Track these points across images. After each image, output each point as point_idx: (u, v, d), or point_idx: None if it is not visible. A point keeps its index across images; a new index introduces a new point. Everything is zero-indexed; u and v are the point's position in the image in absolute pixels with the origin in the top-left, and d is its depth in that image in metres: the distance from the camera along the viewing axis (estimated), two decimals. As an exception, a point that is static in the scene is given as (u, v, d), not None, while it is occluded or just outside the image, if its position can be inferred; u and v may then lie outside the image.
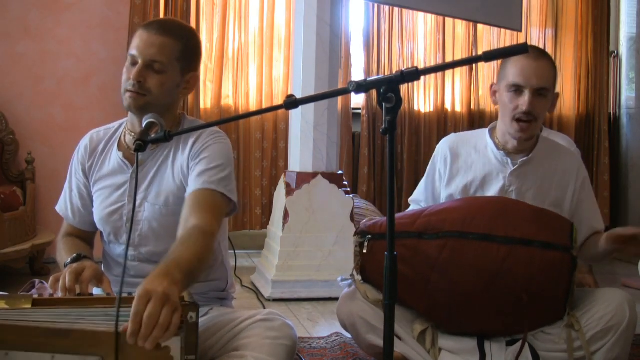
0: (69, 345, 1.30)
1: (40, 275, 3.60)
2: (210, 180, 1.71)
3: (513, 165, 2.06)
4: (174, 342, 1.30)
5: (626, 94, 4.99)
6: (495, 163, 2.09)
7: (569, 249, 1.83)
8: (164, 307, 1.27)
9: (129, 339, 1.26)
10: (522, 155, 2.07)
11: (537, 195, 2.04)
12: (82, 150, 1.91)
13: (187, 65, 1.80)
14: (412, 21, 4.70)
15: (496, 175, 2.08)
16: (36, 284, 1.89)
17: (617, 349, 1.81)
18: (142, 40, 1.75)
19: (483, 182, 2.09)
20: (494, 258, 1.83)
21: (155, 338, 1.26)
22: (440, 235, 1.88)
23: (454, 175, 2.14)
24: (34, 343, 1.30)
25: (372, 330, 1.95)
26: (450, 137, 2.21)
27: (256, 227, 4.45)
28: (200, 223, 1.59)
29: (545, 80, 1.98)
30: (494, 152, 2.09)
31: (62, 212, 1.95)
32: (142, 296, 1.27)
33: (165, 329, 1.26)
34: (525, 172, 2.06)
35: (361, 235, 1.99)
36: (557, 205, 2.04)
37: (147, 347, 1.26)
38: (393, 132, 1.27)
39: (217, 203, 1.70)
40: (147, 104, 1.74)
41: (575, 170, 2.09)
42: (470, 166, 2.12)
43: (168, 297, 1.28)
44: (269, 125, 4.46)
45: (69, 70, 4.10)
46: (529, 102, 1.96)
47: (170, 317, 1.27)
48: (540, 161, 2.08)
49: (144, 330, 1.25)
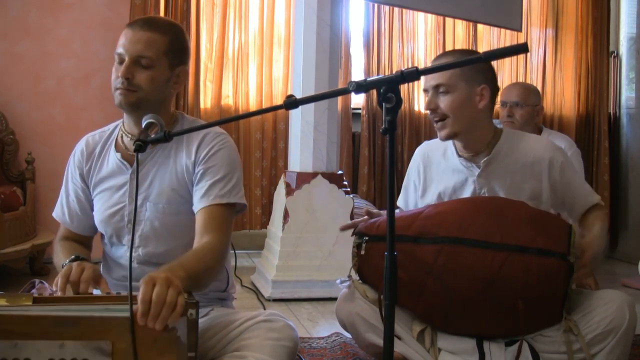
0: (78, 332, 1.35)
1: (40, 275, 3.61)
2: (221, 194, 1.74)
3: (478, 167, 2.04)
4: (180, 323, 1.37)
5: (626, 94, 4.99)
6: (462, 169, 2.07)
7: (566, 255, 1.81)
8: (169, 288, 1.35)
9: (140, 320, 1.34)
10: (483, 155, 2.04)
11: (511, 192, 2.01)
12: (79, 155, 1.90)
13: (176, 59, 1.80)
14: (412, 21, 4.70)
15: (466, 181, 2.06)
16: (36, 284, 1.89)
17: (617, 351, 1.81)
18: (127, 38, 1.75)
19: (455, 190, 2.08)
20: (489, 265, 1.82)
21: (164, 317, 1.34)
22: (436, 240, 1.87)
23: (428, 185, 2.15)
24: (42, 332, 1.33)
25: (371, 329, 1.95)
26: (422, 147, 2.22)
27: (256, 227, 4.45)
28: (213, 240, 1.67)
29: (441, 77, 1.97)
30: (458, 159, 2.07)
31: (59, 218, 1.94)
32: (147, 282, 1.36)
33: (173, 308, 1.34)
34: (492, 171, 2.03)
35: (359, 236, 1.99)
36: (535, 197, 2.01)
37: (157, 328, 1.34)
38: (393, 132, 1.27)
39: (227, 217, 1.76)
40: (139, 100, 1.73)
41: (548, 159, 2.02)
42: (441, 174, 2.12)
43: (171, 280, 1.37)
44: (269, 125, 4.46)
45: (69, 70, 4.10)
46: (428, 101, 2.00)
47: (176, 297, 1.35)
48: (506, 156, 2.03)
49: (153, 310, 1.33)
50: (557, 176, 2.03)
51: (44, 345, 1.33)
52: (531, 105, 3.37)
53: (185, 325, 1.37)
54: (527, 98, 3.38)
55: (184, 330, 1.37)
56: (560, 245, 1.82)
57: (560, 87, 4.97)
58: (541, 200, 2.03)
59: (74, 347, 1.34)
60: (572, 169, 2.08)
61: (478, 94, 1.99)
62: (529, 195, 2.01)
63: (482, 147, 2.04)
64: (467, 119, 1.99)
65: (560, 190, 2.05)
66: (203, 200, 1.74)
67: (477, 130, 2.03)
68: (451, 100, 1.97)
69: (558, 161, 2.02)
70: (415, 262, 1.88)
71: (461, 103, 1.98)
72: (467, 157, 2.06)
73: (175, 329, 1.36)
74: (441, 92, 1.98)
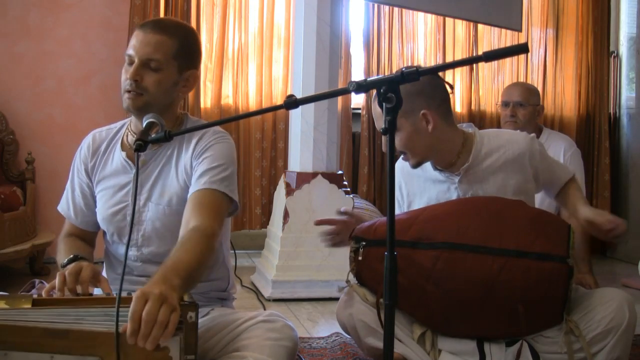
0: (68, 345, 1.29)
1: (40, 275, 3.60)
2: (212, 180, 1.71)
3: (457, 175, 2.03)
4: (173, 343, 1.30)
5: (626, 94, 4.99)
6: (442, 179, 2.06)
7: (565, 258, 1.80)
8: (161, 306, 1.27)
9: (129, 339, 1.26)
10: (460, 163, 2.01)
11: (498, 191, 2.00)
12: (85, 150, 1.91)
13: (185, 63, 1.80)
14: (412, 21, 4.69)
15: (447, 190, 2.05)
16: (36, 284, 1.89)
17: (617, 350, 1.81)
18: (138, 40, 1.75)
19: (439, 200, 2.06)
20: (489, 270, 1.81)
21: (155, 337, 1.26)
22: (434, 245, 1.86)
23: (412, 199, 2.14)
24: (32, 343, 1.29)
25: (371, 333, 1.94)
26: (398, 163, 2.11)
27: (256, 227, 4.45)
28: (201, 224, 1.60)
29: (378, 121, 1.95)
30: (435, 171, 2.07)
31: (64, 212, 1.94)
32: (139, 297, 1.28)
33: (164, 327, 1.26)
34: (472, 175, 2.02)
35: (356, 240, 1.97)
36: (522, 192, 2.01)
37: (147, 347, 1.26)
38: (393, 132, 1.26)
39: (218, 203, 1.70)
40: (146, 104, 1.74)
41: (528, 152, 2.01)
42: (423, 187, 2.11)
43: (165, 297, 1.29)
44: (269, 125, 4.46)
45: (69, 70, 4.10)
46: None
47: (168, 316, 1.27)
48: (484, 159, 2.02)
49: (143, 328, 1.25)
50: (538, 165, 2.04)
51: (34, 357, 1.29)
52: (533, 105, 3.39)
53: (177, 345, 1.30)
54: (529, 98, 3.39)
55: (177, 350, 1.30)
56: (559, 247, 1.82)
57: (561, 87, 4.96)
58: (527, 192, 2.03)
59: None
60: (545, 153, 2.10)
61: (422, 121, 1.96)
62: (515, 191, 2.00)
63: (452, 158, 2.02)
64: (423, 147, 1.99)
65: (541, 176, 2.06)
66: (194, 186, 1.72)
67: (441, 149, 2.01)
68: (400, 139, 1.96)
69: (536, 150, 2.04)
70: (413, 268, 1.87)
71: (411, 138, 1.97)
72: (443, 168, 2.06)
73: (168, 349, 1.30)
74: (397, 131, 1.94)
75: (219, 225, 1.67)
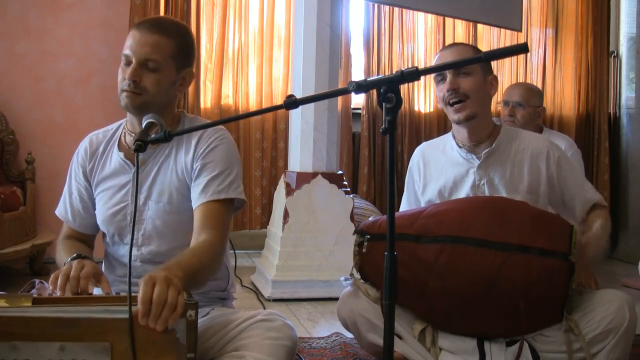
0: (78, 333, 1.34)
1: (40, 275, 3.60)
2: (219, 190, 1.74)
3: (478, 159, 2.10)
4: (180, 324, 1.36)
5: (626, 94, 4.99)
6: (462, 162, 2.13)
7: (567, 255, 1.81)
8: (169, 288, 1.34)
9: (141, 321, 1.33)
10: (484, 147, 2.10)
11: (510, 185, 2.06)
12: (82, 153, 1.91)
13: (182, 62, 1.80)
14: (412, 21, 4.70)
15: (466, 173, 2.12)
16: (36, 284, 1.89)
17: (617, 350, 1.81)
18: (135, 40, 1.75)
19: (455, 183, 2.13)
20: (490, 264, 1.82)
21: (165, 318, 1.32)
22: (437, 239, 1.88)
23: (428, 182, 2.20)
24: (41, 334, 1.33)
25: (372, 328, 1.95)
26: (420, 147, 2.29)
27: (256, 227, 4.45)
28: (211, 238, 1.66)
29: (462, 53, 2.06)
30: (458, 151, 2.13)
31: (62, 216, 1.94)
32: (147, 281, 1.35)
33: (174, 308, 1.33)
34: (492, 162, 2.09)
35: (360, 234, 1.99)
36: (532, 192, 2.05)
37: (158, 329, 1.32)
38: (393, 132, 1.26)
39: (225, 214, 1.75)
40: (145, 103, 1.74)
41: (545, 153, 2.08)
42: (441, 170, 2.17)
43: (170, 279, 1.36)
44: (269, 125, 4.46)
45: (69, 70, 4.10)
46: (450, 81, 2.05)
47: (176, 297, 1.34)
48: (505, 149, 2.10)
49: (154, 310, 1.32)
50: (554, 170, 2.07)
51: (44, 346, 1.32)
52: (533, 106, 3.36)
53: (184, 327, 1.36)
54: (530, 99, 3.37)
55: (184, 331, 1.36)
56: (561, 245, 1.83)
57: (560, 87, 4.97)
58: (538, 194, 2.06)
59: (74, 349, 1.33)
60: (570, 166, 2.11)
61: (489, 82, 2.11)
62: (527, 188, 2.05)
63: (484, 136, 2.11)
64: (482, 102, 2.10)
65: (557, 187, 2.07)
66: (201, 196, 1.74)
67: (486, 117, 2.12)
68: (472, 82, 2.07)
69: (555, 155, 2.09)
70: (416, 261, 1.88)
71: (480, 86, 2.09)
72: (469, 147, 2.11)
73: (175, 331, 1.35)
74: (462, 74, 2.06)
75: (226, 235, 1.75)
